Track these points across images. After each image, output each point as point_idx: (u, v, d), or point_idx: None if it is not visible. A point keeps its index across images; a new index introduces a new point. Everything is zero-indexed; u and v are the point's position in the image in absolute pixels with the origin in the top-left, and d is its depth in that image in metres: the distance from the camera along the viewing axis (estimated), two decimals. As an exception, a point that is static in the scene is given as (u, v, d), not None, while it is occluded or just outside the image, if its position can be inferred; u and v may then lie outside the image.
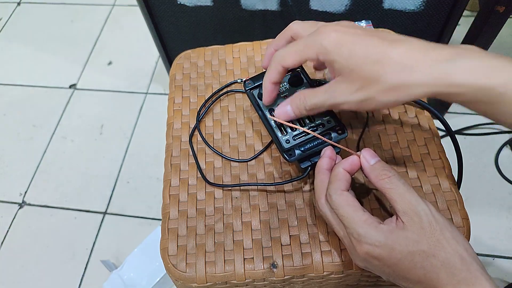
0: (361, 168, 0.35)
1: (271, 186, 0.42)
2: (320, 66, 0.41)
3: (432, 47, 0.30)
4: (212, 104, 0.49)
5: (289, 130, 0.40)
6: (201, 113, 0.48)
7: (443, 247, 0.29)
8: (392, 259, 0.30)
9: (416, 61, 0.29)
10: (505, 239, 0.88)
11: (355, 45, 0.31)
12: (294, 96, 0.36)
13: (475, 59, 0.28)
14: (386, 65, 0.30)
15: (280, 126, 0.40)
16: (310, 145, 0.38)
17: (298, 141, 0.39)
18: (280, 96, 0.42)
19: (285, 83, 0.42)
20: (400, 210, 0.31)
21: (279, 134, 0.40)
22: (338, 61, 0.32)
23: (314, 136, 0.39)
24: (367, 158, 0.34)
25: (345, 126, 0.39)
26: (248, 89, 0.43)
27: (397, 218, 0.31)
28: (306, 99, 0.35)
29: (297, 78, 0.41)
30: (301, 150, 0.38)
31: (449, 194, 0.40)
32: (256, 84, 0.42)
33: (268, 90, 0.38)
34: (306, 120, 0.40)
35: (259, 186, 0.42)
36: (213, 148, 0.46)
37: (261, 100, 0.42)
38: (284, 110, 0.37)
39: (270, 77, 0.37)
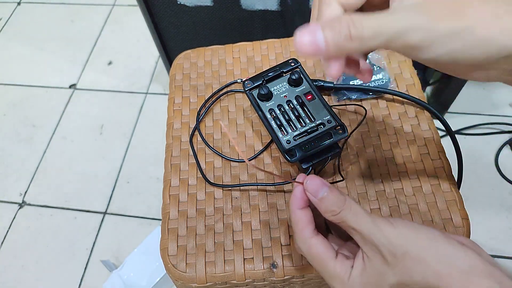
0: None
1: (271, 186, 0.42)
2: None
3: None
4: (212, 104, 0.49)
5: (290, 130, 0.40)
6: (201, 113, 0.48)
7: (413, 271, 0.25)
8: None
9: None
10: (505, 239, 0.88)
11: None
12: (333, 19, 0.23)
13: None
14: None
15: (280, 126, 0.40)
16: (311, 145, 0.38)
17: (299, 141, 0.39)
18: (280, 96, 0.42)
19: (285, 83, 0.42)
20: (358, 242, 0.28)
21: (279, 135, 0.40)
22: None
23: (315, 135, 0.39)
24: (312, 192, 0.29)
25: (345, 125, 0.39)
26: (247, 90, 0.43)
27: (362, 251, 0.28)
28: (355, 21, 0.22)
29: (296, 78, 0.41)
30: (303, 150, 0.38)
31: (449, 194, 0.40)
32: (255, 84, 0.42)
33: (334, 65, 0.25)
34: (306, 120, 0.40)
35: (259, 186, 0.42)
36: (213, 148, 0.46)
37: (261, 100, 0.42)
38: (313, 39, 0.22)
39: (328, 35, 0.23)
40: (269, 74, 0.43)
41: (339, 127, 0.39)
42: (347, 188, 0.41)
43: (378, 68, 0.49)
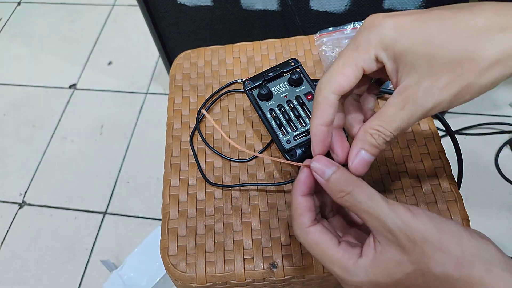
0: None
1: (271, 186, 0.42)
2: (379, 76, 0.29)
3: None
4: (212, 104, 0.49)
5: (290, 130, 0.40)
6: (201, 113, 0.48)
7: (432, 260, 0.24)
8: None
9: (510, 19, 0.23)
10: (505, 239, 0.88)
11: (423, 24, 0.24)
12: (360, 134, 0.27)
13: None
14: (476, 35, 0.23)
15: (280, 126, 0.40)
16: (307, 142, 0.38)
17: (299, 141, 0.39)
18: (280, 96, 0.42)
19: (285, 83, 0.42)
20: (371, 228, 0.26)
21: (280, 135, 0.40)
22: (409, 50, 0.24)
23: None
24: (319, 172, 0.27)
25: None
26: (247, 89, 0.43)
27: (373, 239, 0.26)
28: (383, 129, 0.26)
29: (297, 78, 0.41)
30: (302, 150, 0.38)
31: (449, 194, 0.40)
32: (255, 84, 0.42)
33: (318, 135, 0.28)
34: (307, 120, 0.40)
35: (259, 186, 0.42)
36: (213, 148, 0.46)
37: (261, 100, 0.42)
38: (361, 160, 0.27)
39: (318, 118, 0.28)
40: (269, 74, 0.43)
41: None
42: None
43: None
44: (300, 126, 0.40)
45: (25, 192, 1.05)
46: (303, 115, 0.41)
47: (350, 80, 0.27)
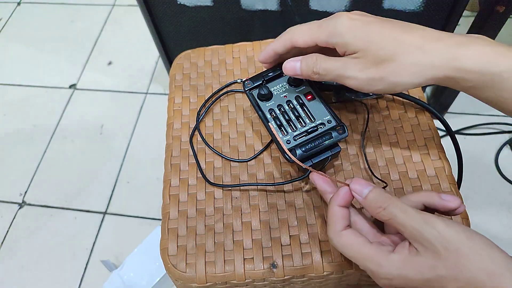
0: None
1: (271, 186, 0.42)
2: (327, 52, 0.38)
3: (444, 34, 0.31)
4: (212, 104, 0.49)
5: (290, 130, 0.40)
6: (201, 113, 0.48)
7: (464, 267, 0.27)
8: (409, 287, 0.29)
9: (430, 44, 0.31)
10: (505, 239, 0.88)
11: (369, 29, 0.32)
12: (307, 55, 0.36)
13: (484, 46, 0.30)
14: (401, 46, 0.31)
15: (280, 126, 0.40)
16: (311, 145, 0.38)
17: (299, 141, 0.39)
18: (280, 96, 0.42)
19: (285, 83, 0.42)
20: (408, 237, 0.29)
21: (280, 135, 0.40)
22: (352, 43, 0.32)
23: (315, 135, 0.39)
24: (357, 191, 0.32)
25: (345, 125, 0.39)
26: (247, 90, 0.43)
27: (409, 244, 0.29)
28: (317, 61, 0.35)
29: (296, 78, 0.41)
30: (302, 151, 0.38)
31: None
32: (255, 84, 0.42)
33: (266, 53, 0.39)
34: (306, 120, 0.40)
35: (259, 186, 0.42)
36: (213, 148, 0.46)
37: (260, 100, 0.42)
38: (293, 65, 0.37)
39: (275, 46, 0.38)
40: (269, 74, 0.43)
41: (339, 127, 0.39)
42: (347, 188, 0.41)
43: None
44: (299, 126, 0.40)
45: (25, 192, 1.05)
46: (303, 115, 0.41)
47: (304, 43, 0.36)
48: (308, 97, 0.41)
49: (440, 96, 1.02)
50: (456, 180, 0.42)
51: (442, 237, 0.27)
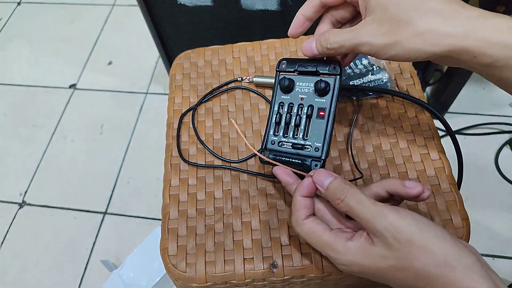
0: None
1: (271, 185, 0.42)
2: (348, 13, 0.37)
3: (467, 5, 0.29)
4: (207, 100, 0.49)
5: (281, 133, 0.39)
6: (197, 110, 0.48)
7: (415, 258, 0.27)
8: (366, 273, 0.30)
9: (452, 12, 0.29)
10: (505, 239, 0.88)
11: None
12: (320, 33, 0.36)
13: (506, 20, 0.28)
14: (421, 9, 0.29)
15: (277, 124, 0.39)
16: (286, 159, 0.37)
17: (281, 148, 0.38)
18: (298, 95, 0.39)
19: (312, 85, 0.39)
20: (365, 227, 0.30)
21: (271, 131, 0.39)
22: None
23: (296, 153, 0.38)
24: (319, 182, 0.33)
25: (325, 160, 0.37)
26: (279, 70, 0.40)
27: (367, 233, 0.30)
28: (329, 37, 0.34)
29: (323, 88, 0.38)
30: (274, 156, 0.38)
31: (449, 194, 0.40)
32: (287, 69, 0.39)
33: (296, 22, 0.37)
34: (301, 134, 0.38)
35: (259, 186, 0.42)
36: (210, 149, 0.46)
37: (279, 88, 0.39)
38: (309, 46, 0.36)
39: (303, 9, 0.37)
40: (307, 67, 0.38)
41: (317, 161, 0.36)
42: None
43: (378, 68, 0.49)
44: (291, 136, 0.38)
45: (25, 192, 1.05)
46: (302, 127, 0.38)
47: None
48: (320, 113, 0.38)
49: (440, 96, 1.02)
50: (456, 180, 0.42)
51: (394, 229, 0.28)
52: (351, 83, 0.48)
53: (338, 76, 0.37)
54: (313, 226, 0.32)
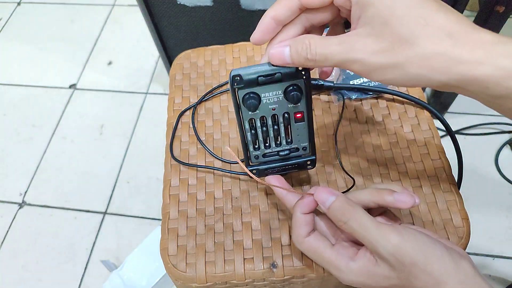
0: None
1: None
2: (346, 16, 0.30)
3: (477, 26, 0.25)
4: (207, 100, 0.49)
5: (262, 147, 0.36)
6: (197, 109, 0.48)
7: (417, 278, 0.28)
8: None
9: (464, 34, 0.24)
10: (505, 239, 0.88)
11: None
12: (297, 38, 0.29)
13: None
14: (429, 27, 0.24)
15: (255, 140, 0.35)
16: (275, 168, 0.37)
17: (267, 159, 0.37)
18: (268, 107, 0.33)
19: (280, 92, 0.32)
20: (368, 249, 0.30)
21: (250, 148, 0.36)
22: (375, 5, 0.25)
23: (284, 159, 0.37)
24: (320, 202, 0.32)
25: (316, 159, 0.37)
26: (236, 87, 0.32)
27: (370, 252, 0.30)
28: (312, 45, 0.27)
29: (296, 96, 0.32)
30: (264, 173, 0.38)
31: (449, 194, 0.40)
32: (246, 82, 0.31)
33: (265, 25, 0.30)
34: (284, 141, 0.36)
35: (259, 186, 0.43)
36: (211, 151, 0.46)
37: (244, 106, 0.33)
38: (280, 52, 0.29)
39: (275, 11, 0.29)
40: (268, 74, 0.31)
41: (309, 161, 0.37)
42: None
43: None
44: (274, 146, 0.37)
45: (25, 192, 1.05)
46: (283, 135, 0.35)
47: (317, 2, 0.29)
48: (297, 116, 0.34)
49: (440, 96, 1.02)
50: (456, 180, 0.42)
51: (397, 253, 0.28)
52: (351, 82, 0.48)
53: (307, 75, 0.31)
54: (314, 244, 0.32)
